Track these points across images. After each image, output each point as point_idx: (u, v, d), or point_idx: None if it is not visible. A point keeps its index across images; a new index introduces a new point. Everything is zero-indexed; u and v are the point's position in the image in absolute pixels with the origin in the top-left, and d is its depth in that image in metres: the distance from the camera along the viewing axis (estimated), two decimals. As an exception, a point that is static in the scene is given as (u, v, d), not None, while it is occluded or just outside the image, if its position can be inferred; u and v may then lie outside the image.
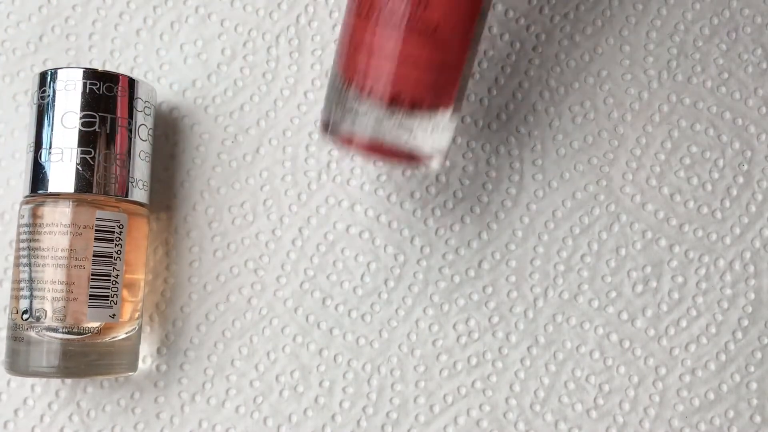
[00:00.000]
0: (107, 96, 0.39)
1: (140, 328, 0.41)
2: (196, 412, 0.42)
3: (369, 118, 0.36)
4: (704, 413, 0.43)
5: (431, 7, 0.36)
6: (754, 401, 0.43)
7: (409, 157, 0.37)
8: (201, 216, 0.43)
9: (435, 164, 0.38)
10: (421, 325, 0.43)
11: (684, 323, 0.43)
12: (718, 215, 0.44)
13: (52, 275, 0.37)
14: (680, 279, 0.43)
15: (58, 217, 0.38)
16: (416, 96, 0.36)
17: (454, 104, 0.38)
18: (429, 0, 0.36)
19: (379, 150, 0.37)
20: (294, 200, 0.44)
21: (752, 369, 0.43)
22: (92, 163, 0.38)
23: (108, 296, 0.38)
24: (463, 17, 0.36)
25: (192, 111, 0.44)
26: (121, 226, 0.39)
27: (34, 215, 0.38)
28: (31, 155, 0.39)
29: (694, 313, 0.43)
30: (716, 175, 0.44)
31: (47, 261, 0.38)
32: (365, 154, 0.38)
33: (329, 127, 0.37)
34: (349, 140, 0.37)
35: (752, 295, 0.43)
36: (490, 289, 0.43)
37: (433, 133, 0.37)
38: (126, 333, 0.39)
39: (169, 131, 0.43)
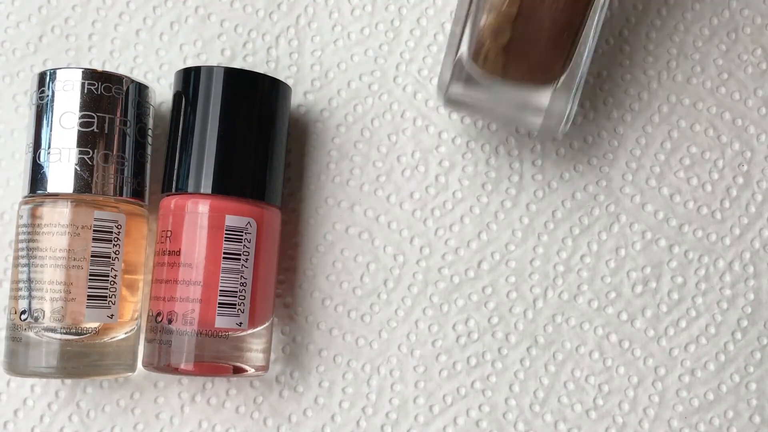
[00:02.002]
0: (106, 96, 0.39)
1: (139, 328, 0.41)
2: (196, 413, 0.42)
3: (186, 344, 0.38)
4: (703, 414, 0.43)
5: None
6: (754, 402, 0.43)
7: (235, 370, 0.39)
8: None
9: (262, 373, 0.41)
10: (421, 325, 0.43)
11: (683, 324, 0.43)
12: (718, 216, 0.44)
13: (50, 276, 0.37)
14: (680, 279, 0.43)
15: (56, 217, 0.38)
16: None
17: (267, 320, 0.40)
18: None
19: (205, 370, 0.39)
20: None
21: (751, 369, 0.43)
22: (90, 163, 0.38)
23: (106, 297, 0.38)
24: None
25: (191, 111, 0.44)
26: (119, 227, 0.39)
27: (33, 215, 0.38)
28: (29, 155, 0.39)
29: (693, 313, 0.43)
30: (716, 176, 0.44)
31: (46, 261, 0.38)
32: (194, 375, 0.40)
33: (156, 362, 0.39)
34: (175, 368, 0.39)
35: (751, 296, 0.43)
36: (489, 290, 0.43)
37: (250, 351, 0.40)
38: (125, 333, 0.39)
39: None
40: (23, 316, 0.38)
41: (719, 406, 0.43)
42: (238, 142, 0.39)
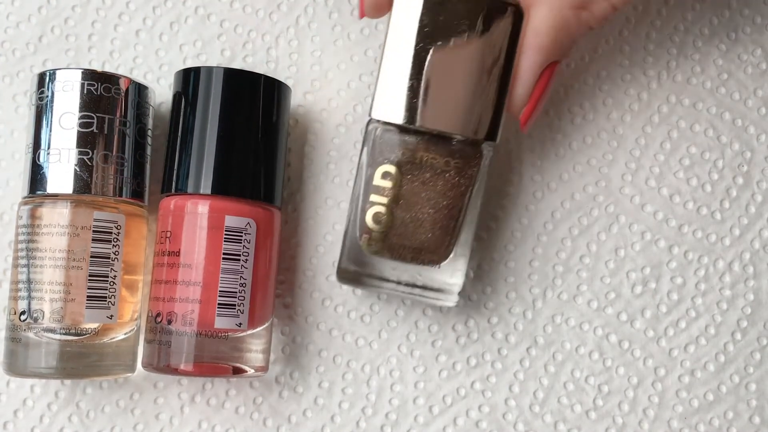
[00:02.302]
0: (105, 97, 0.39)
1: (139, 328, 0.41)
2: (196, 413, 0.42)
3: (185, 345, 0.38)
4: (703, 414, 0.43)
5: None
6: (753, 402, 0.43)
7: (235, 371, 0.39)
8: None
9: (262, 373, 0.40)
10: (420, 325, 0.43)
11: (683, 324, 0.43)
12: (718, 216, 0.44)
13: (50, 276, 0.37)
14: (679, 280, 0.43)
15: (56, 218, 0.38)
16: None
17: (267, 322, 0.40)
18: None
19: (204, 370, 0.39)
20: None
21: (751, 370, 0.43)
22: (90, 164, 0.38)
23: (106, 297, 0.38)
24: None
25: (191, 112, 0.44)
26: (119, 227, 0.39)
27: (33, 216, 0.38)
28: (29, 156, 0.39)
29: (693, 314, 0.43)
30: (715, 176, 0.44)
31: (45, 262, 0.38)
32: (193, 375, 0.40)
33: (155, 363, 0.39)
34: (175, 369, 0.39)
35: (751, 297, 0.43)
36: (489, 290, 0.43)
37: (250, 351, 0.39)
38: (125, 334, 0.39)
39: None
40: (23, 317, 0.38)
41: (719, 406, 0.43)
42: (238, 143, 0.39)
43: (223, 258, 0.38)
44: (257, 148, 0.40)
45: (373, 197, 0.38)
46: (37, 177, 0.38)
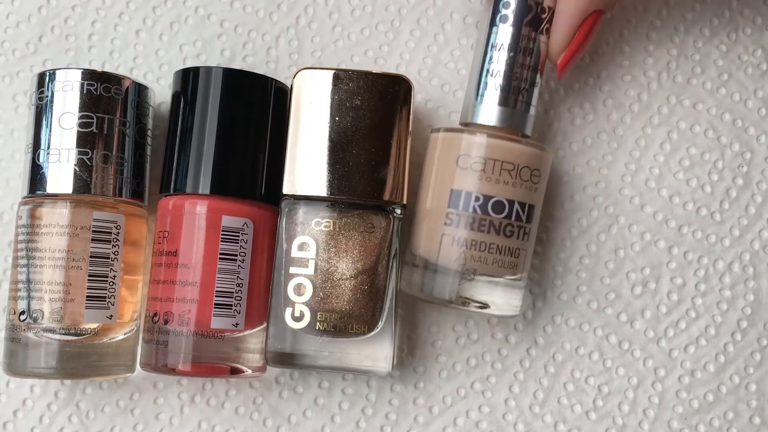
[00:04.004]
0: (105, 97, 0.39)
1: (139, 328, 0.41)
2: (196, 413, 0.42)
3: (183, 345, 0.38)
4: (703, 415, 0.43)
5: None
6: (753, 403, 0.43)
7: (233, 371, 0.39)
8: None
9: (260, 373, 0.41)
10: (420, 325, 0.43)
11: (683, 325, 0.43)
12: (717, 217, 0.44)
13: (49, 276, 0.37)
14: (679, 281, 0.43)
15: (55, 218, 0.38)
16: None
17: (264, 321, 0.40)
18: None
19: (201, 370, 0.39)
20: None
21: (751, 371, 0.43)
22: (90, 164, 0.38)
23: (105, 297, 0.38)
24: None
25: (191, 112, 0.44)
26: (118, 227, 0.39)
27: (32, 216, 0.38)
28: (29, 156, 0.39)
29: (693, 314, 0.43)
30: (715, 177, 0.44)
31: (45, 262, 0.38)
32: (190, 375, 0.40)
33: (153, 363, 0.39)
34: (172, 369, 0.39)
35: (751, 297, 0.43)
36: (489, 291, 0.43)
37: (248, 352, 0.40)
38: (125, 334, 0.39)
39: (169, 132, 0.43)
40: (22, 317, 0.38)
41: (719, 407, 0.43)
42: (237, 143, 0.39)
43: (220, 258, 0.38)
44: (256, 148, 0.40)
45: (293, 269, 0.39)
46: (36, 177, 0.38)
